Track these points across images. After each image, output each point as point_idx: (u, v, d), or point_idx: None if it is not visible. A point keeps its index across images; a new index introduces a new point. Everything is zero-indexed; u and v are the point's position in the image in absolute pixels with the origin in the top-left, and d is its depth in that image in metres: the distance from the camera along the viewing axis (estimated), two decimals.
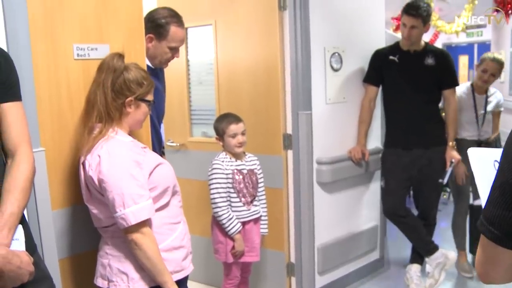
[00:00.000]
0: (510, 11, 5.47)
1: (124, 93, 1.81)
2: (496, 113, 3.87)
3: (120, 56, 1.84)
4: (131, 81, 1.81)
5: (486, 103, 3.77)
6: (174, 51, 2.44)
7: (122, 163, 1.71)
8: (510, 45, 8.42)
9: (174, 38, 2.40)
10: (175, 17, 2.41)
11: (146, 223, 1.72)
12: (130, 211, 1.67)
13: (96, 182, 1.71)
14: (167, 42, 2.39)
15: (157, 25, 2.37)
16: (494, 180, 0.96)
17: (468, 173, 3.53)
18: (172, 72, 3.05)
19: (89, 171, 1.72)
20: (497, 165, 1.19)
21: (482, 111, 3.76)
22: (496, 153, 1.22)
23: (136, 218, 1.68)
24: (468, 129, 3.75)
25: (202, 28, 3.45)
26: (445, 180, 3.45)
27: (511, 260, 0.91)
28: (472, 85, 3.80)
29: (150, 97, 1.90)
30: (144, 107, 1.87)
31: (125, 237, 1.73)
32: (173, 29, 2.39)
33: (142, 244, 1.70)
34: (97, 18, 1.97)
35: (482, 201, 1.09)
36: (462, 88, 3.81)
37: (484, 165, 1.16)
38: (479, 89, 3.76)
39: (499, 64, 3.68)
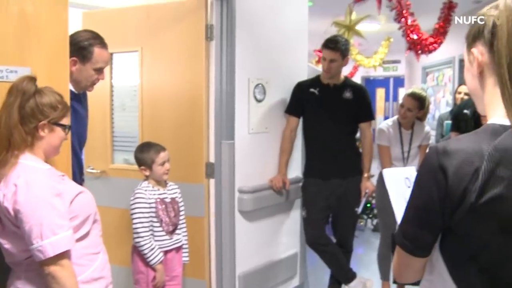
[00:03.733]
0: (419, 51, 5.92)
1: (37, 116, 1.72)
2: (423, 147, 3.77)
3: (31, 79, 1.76)
4: (44, 104, 1.73)
5: (412, 138, 3.75)
6: (99, 72, 2.40)
7: (40, 192, 1.64)
8: (420, 81, 9.08)
9: (98, 59, 2.37)
10: (98, 39, 2.39)
11: (65, 255, 1.65)
12: (49, 243, 1.59)
13: (12, 213, 1.63)
14: (91, 64, 2.35)
15: (80, 47, 2.32)
16: (408, 201, 1.14)
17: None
18: (95, 97, 2.99)
19: (4, 202, 1.63)
20: (407, 182, 1.36)
21: (407, 147, 3.73)
22: (406, 171, 1.43)
23: (55, 250, 1.60)
24: (395, 165, 3.72)
25: (128, 54, 3.42)
26: (360, 209, 3.60)
27: (419, 265, 1.16)
28: (398, 119, 3.79)
29: (65, 121, 1.82)
30: (59, 131, 1.80)
31: (41, 270, 1.64)
32: (97, 51, 2.36)
33: (60, 277, 1.62)
34: (17, 38, 1.89)
35: (397, 214, 1.29)
36: (388, 122, 3.84)
37: (397, 183, 1.37)
38: (403, 124, 3.75)
39: (416, 99, 3.64)
